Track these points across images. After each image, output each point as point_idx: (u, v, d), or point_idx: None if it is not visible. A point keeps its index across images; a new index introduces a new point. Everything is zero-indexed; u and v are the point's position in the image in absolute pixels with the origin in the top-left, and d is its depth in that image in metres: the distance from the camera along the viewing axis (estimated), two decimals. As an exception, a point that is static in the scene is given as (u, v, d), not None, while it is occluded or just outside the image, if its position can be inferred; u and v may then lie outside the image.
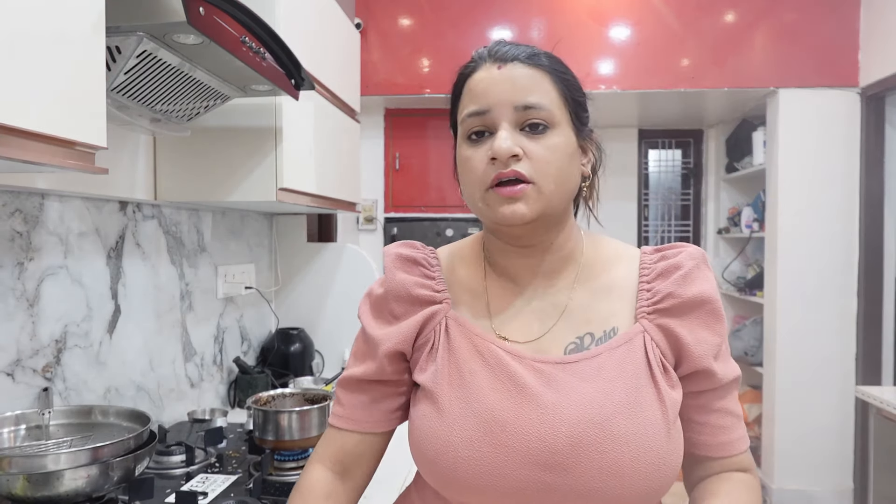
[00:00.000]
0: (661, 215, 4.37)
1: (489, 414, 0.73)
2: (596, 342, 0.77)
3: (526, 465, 0.70)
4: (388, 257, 0.85)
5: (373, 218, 3.73)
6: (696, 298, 0.76)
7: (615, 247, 0.85)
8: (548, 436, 0.71)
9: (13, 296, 1.24)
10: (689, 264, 0.78)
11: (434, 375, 0.78)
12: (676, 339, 0.76)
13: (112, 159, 1.44)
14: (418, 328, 0.81)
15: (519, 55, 0.76)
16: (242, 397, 2.06)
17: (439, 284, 0.83)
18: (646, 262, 0.81)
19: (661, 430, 0.72)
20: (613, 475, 0.69)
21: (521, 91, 0.75)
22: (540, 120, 0.74)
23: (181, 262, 1.82)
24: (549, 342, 0.78)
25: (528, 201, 0.73)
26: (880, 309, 3.18)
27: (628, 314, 0.78)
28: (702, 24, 3.23)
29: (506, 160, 0.73)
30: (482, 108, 0.76)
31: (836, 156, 3.21)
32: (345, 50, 2.23)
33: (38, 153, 0.80)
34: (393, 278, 0.83)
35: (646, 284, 0.79)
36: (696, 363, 0.76)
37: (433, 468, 0.75)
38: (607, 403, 0.71)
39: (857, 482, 3.21)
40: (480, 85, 0.77)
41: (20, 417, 1.22)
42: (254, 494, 1.31)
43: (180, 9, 0.96)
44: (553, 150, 0.74)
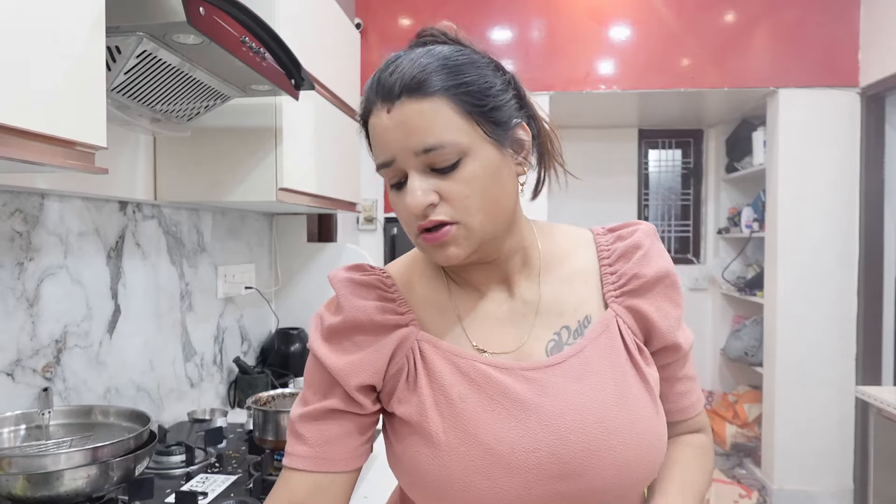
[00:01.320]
0: (661, 215, 4.37)
1: (493, 438, 0.69)
2: (573, 335, 0.75)
3: (540, 480, 0.69)
4: (339, 283, 0.77)
5: (373, 218, 3.73)
6: (657, 275, 0.77)
7: (567, 233, 0.83)
8: (558, 447, 0.69)
9: (13, 296, 1.24)
10: (646, 242, 0.78)
11: (419, 407, 0.72)
12: (645, 318, 0.76)
13: (112, 159, 1.44)
14: (389, 356, 0.74)
15: (406, 86, 0.68)
16: (242, 397, 2.06)
17: (401, 306, 0.77)
18: (602, 244, 0.80)
19: (651, 412, 0.73)
20: (622, 468, 0.69)
21: (415, 135, 0.67)
22: (445, 158, 0.68)
23: (181, 262, 1.82)
24: (530, 346, 0.75)
25: (458, 241, 0.69)
26: (880, 309, 3.18)
27: (596, 299, 0.77)
28: (702, 24, 3.23)
29: (421, 213, 0.68)
30: (386, 160, 0.70)
31: (836, 156, 3.21)
32: (345, 50, 2.23)
33: (38, 153, 0.80)
34: (350, 305, 0.75)
35: (608, 268, 0.78)
36: (665, 338, 0.77)
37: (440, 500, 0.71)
38: (602, 399, 0.71)
39: (857, 482, 3.21)
40: (378, 135, 0.71)
41: (20, 417, 1.22)
42: (254, 494, 1.31)
43: (180, 9, 0.96)
44: (470, 181, 0.68)
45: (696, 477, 0.80)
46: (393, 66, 0.70)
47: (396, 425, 0.75)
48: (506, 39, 3.36)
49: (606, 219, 4.51)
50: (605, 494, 0.70)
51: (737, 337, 3.77)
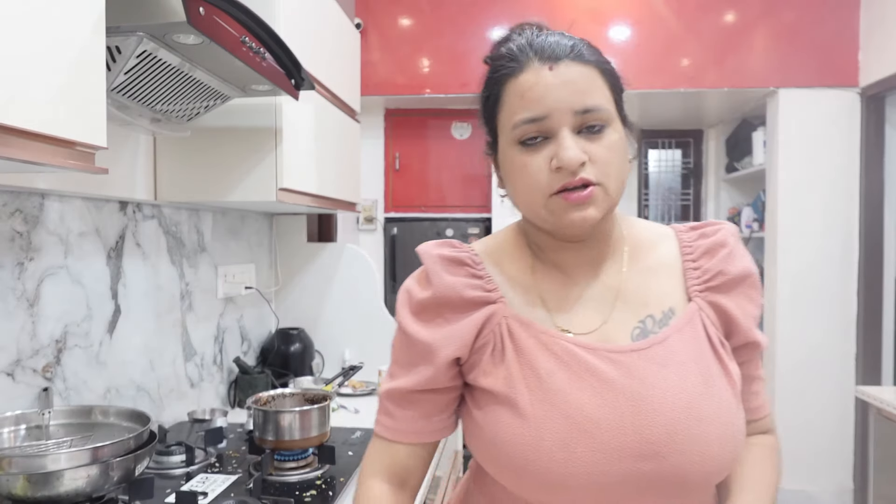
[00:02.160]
0: (661, 215, 4.36)
1: (580, 413, 0.71)
2: (658, 324, 0.77)
3: (623, 458, 0.70)
4: (430, 259, 0.79)
5: (373, 218, 3.73)
6: (741, 274, 0.79)
7: (650, 226, 0.85)
8: (644, 428, 0.70)
9: (13, 296, 1.24)
10: (731, 241, 0.80)
11: (507, 380, 0.75)
12: (726, 315, 0.78)
13: (112, 159, 1.44)
14: (476, 331, 0.77)
15: (569, 51, 0.73)
16: (242, 397, 2.06)
17: (489, 283, 0.79)
18: (685, 241, 0.82)
19: (734, 404, 0.74)
20: (705, 455, 0.70)
21: (579, 95, 0.71)
22: (598, 121, 0.72)
23: (181, 262, 1.82)
24: (612, 329, 0.77)
25: (597, 203, 0.72)
26: (880, 309, 3.18)
27: (680, 293, 0.79)
28: (702, 24, 3.23)
29: (575, 170, 0.70)
30: (539, 115, 0.72)
31: (836, 156, 3.21)
32: (345, 50, 2.23)
33: (38, 153, 0.80)
34: (441, 282, 0.77)
35: (692, 263, 0.80)
36: (745, 335, 0.79)
37: (522, 473, 0.72)
38: (688, 387, 0.72)
39: (857, 482, 3.21)
40: (534, 90, 0.72)
41: (20, 417, 1.22)
42: (254, 494, 1.31)
43: (180, 9, 0.96)
44: (612, 148, 0.73)
45: (770, 478, 0.82)
46: (543, 34, 0.76)
47: (478, 397, 0.77)
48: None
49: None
50: (686, 480, 0.71)
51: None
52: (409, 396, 0.80)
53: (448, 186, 3.76)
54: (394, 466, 0.82)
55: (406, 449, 0.82)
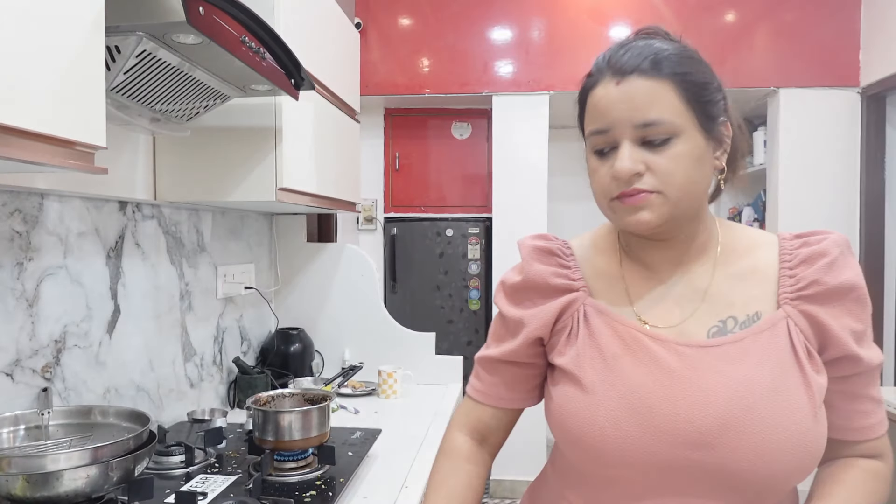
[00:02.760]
0: (661, 215, 4.36)
1: (635, 396, 0.76)
2: (739, 326, 0.78)
3: (673, 444, 0.74)
4: (525, 249, 0.89)
5: (372, 218, 3.73)
6: (842, 286, 0.77)
7: (752, 233, 0.87)
8: (696, 418, 0.73)
9: (12, 296, 1.24)
10: (834, 251, 0.79)
11: (576, 358, 0.81)
12: (821, 326, 0.77)
13: (112, 159, 1.44)
14: (557, 314, 0.85)
15: (639, 65, 0.76)
16: (242, 397, 2.06)
17: (575, 273, 0.86)
18: (786, 248, 0.82)
19: (808, 414, 0.73)
20: (760, 455, 0.71)
21: (639, 109, 0.75)
22: (660, 134, 0.75)
23: (181, 262, 1.82)
24: (691, 326, 0.79)
25: (653, 208, 0.75)
26: (881, 309, 3.18)
27: (770, 299, 0.79)
28: (702, 24, 3.23)
29: (627, 180, 0.75)
30: (603, 128, 0.77)
31: (836, 156, 3.21)
32: (345, 50, 2.23)
33: (37, 153, 0.80)
34: (530, 269, 0.87)
35: (788, 270, 0.80)
36: (841, 349, 0.77)
37: (578, 444, 0.79)
38: (754, 387, 0.73)
39: (858, 482, 3.21)
40: (601, 103, 0.78)
41: (19, 418, 1.22)
42: (253, 495, 1.31)
43: (180, 8, 0.95)
44: (677, 158, 0.75)
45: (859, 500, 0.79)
46: (627, 48, 0.79)
47: (555, 374, 0.85)
48: (506, 39, 3.36)
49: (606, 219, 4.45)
50: (739, 478, 0.72)
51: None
52: (496, 365, 0.91)
53: (448, 186, 3.76)
54: (476, 424, 0.94)
55: (489, 410, 0.93)
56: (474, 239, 3.68)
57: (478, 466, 0.93)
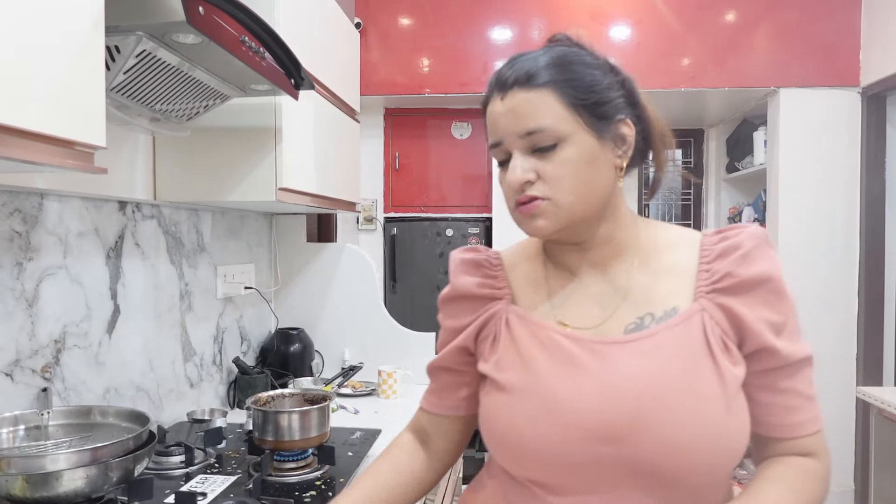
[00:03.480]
0: (661, 215, 4.36)
1: (549, 393, 0.78)
2: (656, 321, 0.79)
3: (586, 440, 0.75)
4: (453, 262, 0.93)
5: (372, 218, 3.73)
6: (756, 277, 0.77)
7: (674, 231, 0.88)
8: (607, 412, 0.74)
9: (12, 296, 1.24)
10: (749, 244, 0.79)
11: (496, 364, 0.84)
12: (736, 318, 0.77)
13: (111, 159, 1.44)
14: (480, 324, 0.88)
15: (518, 79, 0.78)
16: (242, 397, 2.06)
17: (500, 282, 0.90)
18: (706, 244, 0.83)
19: (721, 405, 0.73)
20: (673, 449, 0.72)
21: (520, 120, 0.78)
22: (547, 140, 0.77)
23: (181, 262, 1.82)
24: (610, 324, 0.81)
25: (546, 215, 0.78)
26: (881, 309, 3.18)
27: (688, 294, 0.80)
28: (702, 24, 3.23)
29: (518, 188, 0.78)
30: (495, 141, 0.81)
31: (836, 155, 3.21)
32: (345, 50, 2.22)
33: (37, 153, 0.80)
34: (457, 281, 0.91)
35: (706, 265, 0.81)
36: (758, 341, 0.77)
37: (500, 447, 0.82)
38: (665, 379, 0.74)
39: (858, 482, 3.21)
40: (491, 118, 0.81)
41: (19, 418, 1.22)
42: (253, 495, 1.31)
43: (180, 8, 0.95)
44: (565, 163, 0.77)
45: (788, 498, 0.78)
46: (512, 62, 0.82)
47: (484, 382, 0.87)
48: (506, 39, 3.36)
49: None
50: (655, 471, 0.73)
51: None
52: (435, 372, 0.95)
53: (448, 186, 3.76)
54: (419, 426, 0.98)
55: (425, 414, 0.97)
56: (474, 239, 3.68)
57: (411, 458, 0.96)
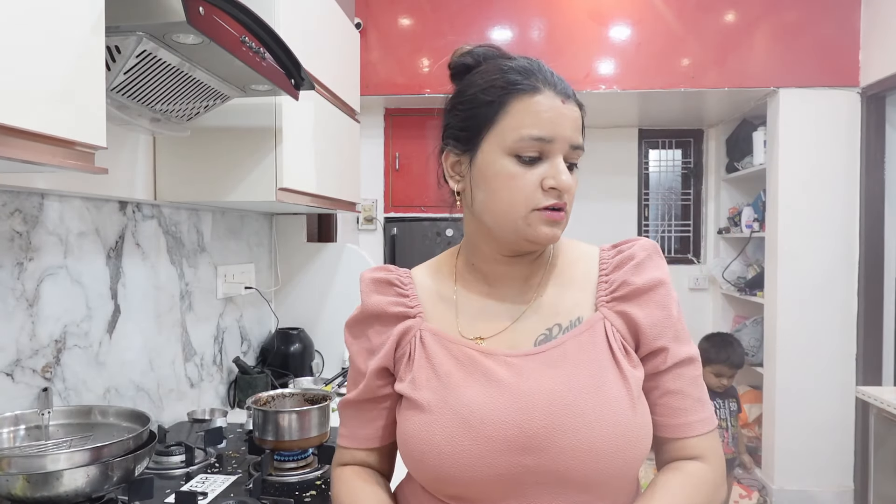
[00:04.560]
0: (661, 215, 4.36)
1: (467, 409, 0.78)
2: (563, 331, 0.83)
3: (505, 451, 0.76)
4: (364, 282, 0.92)
5: (372, 218, 3.73)
6: (647, 284, 0.83)
7: (579, 247, 0.92)
8: (524, 422, 0.76)
9: (13, 296, 1.24)
10: (641, 254, 0.85)
11: (412, 382, 0.84)
12: (633, 322, 0.82)
13: (112, 159, 1.44)
14: (396, 342, 0.87)
15: (572, 95, 0.83)
16: (242, 397, 2.06)
17: (412, 301, 0.89)
18: (604, 258, 0.88)
19: (626, 406, 0.77)
20: (587, 452, 0.74)
21: (576, 132, 0.81)
22: (577, 159, 0.83)
23: (181, 262, 1.82)
24: (521, 337, 0.84)
25: (562, 226, 0.82)
26: (881, 309, 3.18)
27: (590, 304, 0.85)
28: (702, 24, 3.23)
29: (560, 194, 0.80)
30: (547, 137, 0.79)
31: (836, 156, 3.21)
32: (345, 50, 2.23)
33: (37, 153, 0.80)
34: (368, 300, 0.90)
35: (604, 277, 0.86)
36: (651, 343, 0.82)
37: (420, 466, 0.81)
38: (574, 385, 0.77)
39: (858, 482, 3.21)
40: (548, 113, 0.80)
41: (20, 417, 1.22)
42: (253, 495, 1.31)
43: (180, 9, 0.96)
44: (576, 184, 0.82)
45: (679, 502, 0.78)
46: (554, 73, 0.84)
47: (401, 402, 0.86)
48: (506, 39, 3.36)
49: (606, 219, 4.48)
50: (569, 477, 0.75)
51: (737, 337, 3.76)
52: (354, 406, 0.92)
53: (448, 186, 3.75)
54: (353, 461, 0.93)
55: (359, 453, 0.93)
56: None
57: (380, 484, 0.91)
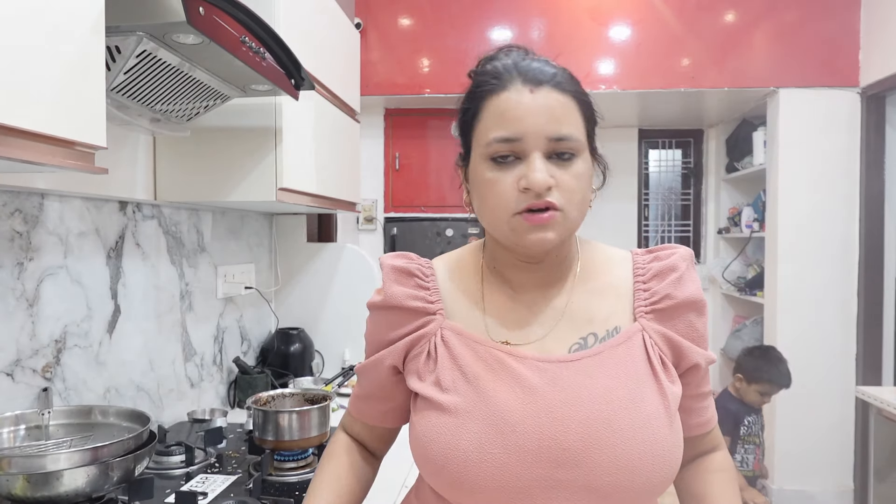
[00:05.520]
0: (661, 215, 4.36)
1: (498, 416, 0.73)
2: (599, 341, 0.78)
3: (537, 463, 0.72)
4: (385, 269, 0.87)
5: (373, 218, 3.73)
6: (689, 299, 0.80)
7: (607, 250, 0.88)
8: (559, 434, 0.72)
9: (13, 296, 1.24)
10: (682, 266, 0.82)
11: (436, 383, 0.79)
12: (672, 338, 0.79)
13: (112, 159, 1.44)
14: (411, 342, 0.83)
15: (550, 78, 0.75)
16: (242, 397, 2.06)
17: (433, 295, 0.84)
18: (639, 263, 0.84)
19: (664, 423, 0.74)
20: (622, 469, 0.71)
21: (555, 122, 0.74)
22: (569, 150, 0.74)
23: (181, 262, 1.82)
24: (552, 343, 0.79)
25: (556, 228, 0.74)
26: (880, 309, 3.18)
27: (627, 313, 0.81)
28: (702, 24, 3.23)
29: (539, 192, 0.72)
30: (514, 136, 0.74)
31: (836, 156, 3.21)
32: (345, 50, 2.23)
33: (38, 153, 0.80)
34: (388, 290, 0.85)
35: (642, 285, 0.81)
36: (690, 359, 0.80)
37: (442, 473, 0.75)
38: (612, 399, 0.73)
39: (858, 482, 3.21)
40: (513, 111, 0.74)
41: (20, 417, 1.22)
42: (253, 494, 1.31)
43: (180, 9, 0.96)
44: (578, 177, 0.75)
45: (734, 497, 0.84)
46: (528, 57, 0.78)
47: (417, 402, 0.81)
48: (506, 39, 3.36)
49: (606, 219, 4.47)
50: (602, 492, 0.71)
51: (737, 337, 3.76)
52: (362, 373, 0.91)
53: (448, 186, 3.76)
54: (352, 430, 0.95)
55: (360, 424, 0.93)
56: (474, 239, 3.68)
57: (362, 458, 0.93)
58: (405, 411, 0.89)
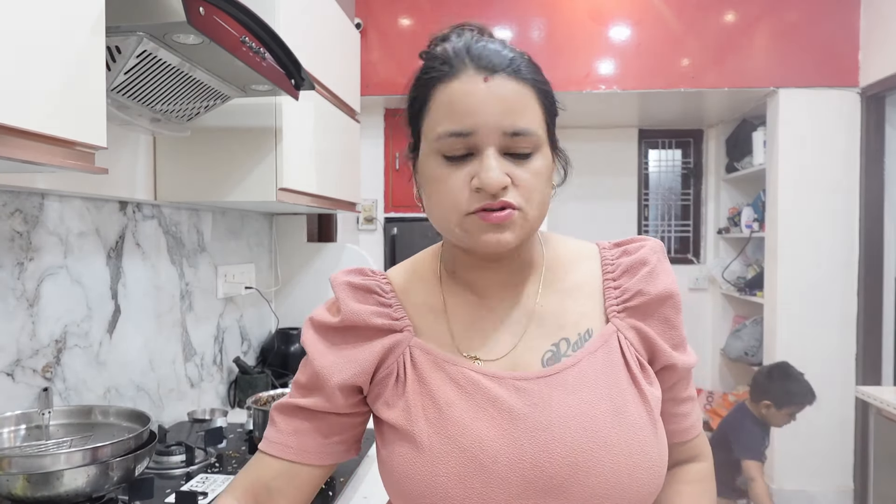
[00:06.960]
0: (661, 215, 4.37)
1: (477, 447, 0.67)
2: (572, 347, 0.73)
3: (524, 494, 0.66)
4: (339, 286, 0.78)
5: (373, 218, 3.73)
6: (662, 294, 0.74)
7: (572, 245, 0.81)
8: (543, 461, 0.66)
9: (13, 296, 1.24)
10: (653, 259, 0.76)
11: (406, 412, 0.71)
12: (647, 337, 0.74)
13: (112, 159, 1.44)
14: (378, 360, 0.74)
15: (507, 65, 0.68)
16: (242, 397, 2.06)
17: (397, 311, 0.76)
18: (608, 258, 0.78)
19: (649, 430, 0.70)
20: (613, 486, 0.66)
21: (510, 115, 0.66)
22: (526, 146, 0.67)
23: (181, 262, 1.82)
24: (523, 354, 0.73)
25: (515, 228, 0.67)
26: (880, 309, 3.18)
27: (598, 313, 0.75)
28: (702, 24, 3.23)
29: (494, 192, 0.66)
30: (466, 130, 0.66)
31: (836, 156, 3.21)
32: (345, 50, 2.23)
33: (38, 153, 0.80)
34: (348, 309, 0.75)
35: (612, 282, 0.76)
36: (666, 358, 0.75)
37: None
38: (595, 413, 0.68)
39: (857, 482, 3.21)
40: (464, 102, 0.67)
41: (20, 417, 1.22)
42: (254, 494, 1.31)
43: (180, 9, 0.96)
44: (537, 174, 0.68)
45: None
46: (483, 41, 0.70)
47: (385, 430, 0.74)
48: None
49: (606, 219, 4.47)
50: None
51: (737, 337, 3.77)
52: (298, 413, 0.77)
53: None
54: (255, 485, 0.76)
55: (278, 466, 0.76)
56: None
57: None
58: (354, 443, 0.81)
